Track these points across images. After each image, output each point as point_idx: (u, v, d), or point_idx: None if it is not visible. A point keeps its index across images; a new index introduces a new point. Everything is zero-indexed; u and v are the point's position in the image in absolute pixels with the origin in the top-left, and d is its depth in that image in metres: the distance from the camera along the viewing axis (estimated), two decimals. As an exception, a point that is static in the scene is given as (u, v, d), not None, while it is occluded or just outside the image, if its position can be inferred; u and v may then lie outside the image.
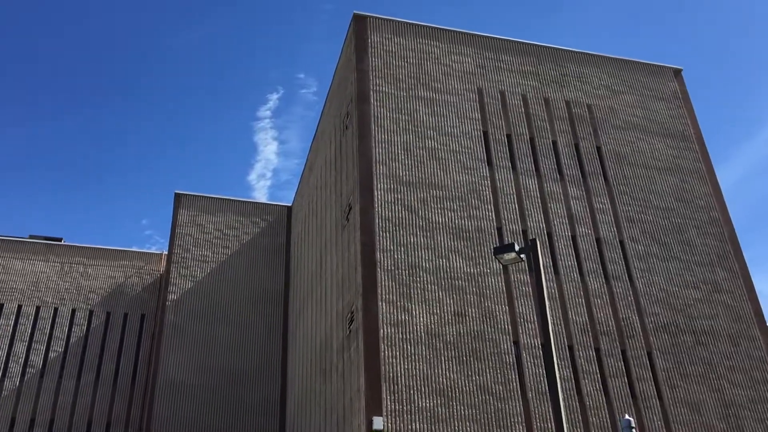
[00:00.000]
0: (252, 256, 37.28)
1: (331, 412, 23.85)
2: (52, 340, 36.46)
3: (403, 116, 26.06)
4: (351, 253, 23.90)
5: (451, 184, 24.87)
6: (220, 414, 32.66)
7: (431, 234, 23.48)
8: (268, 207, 39.48)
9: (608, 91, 30.03)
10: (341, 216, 26.25)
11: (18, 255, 38.13)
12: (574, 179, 26.76)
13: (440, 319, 21.76)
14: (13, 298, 37.08)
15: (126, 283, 38.77)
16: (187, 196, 37.98)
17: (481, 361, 21.32)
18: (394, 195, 23.97)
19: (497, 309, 22.50)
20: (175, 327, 34.18)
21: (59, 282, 37.98)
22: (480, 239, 23.87)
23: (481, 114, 27.13)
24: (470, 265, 23.17)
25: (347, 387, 21.99)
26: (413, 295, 21.98)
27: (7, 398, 34.61)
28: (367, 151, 24.73)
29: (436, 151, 25.55)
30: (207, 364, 33.69)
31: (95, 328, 37.20)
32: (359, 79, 26.52)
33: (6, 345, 35.79)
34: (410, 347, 20.91)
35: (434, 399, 20.20)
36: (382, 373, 20.17)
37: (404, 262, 22.58)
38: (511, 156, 26.52)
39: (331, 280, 26.53)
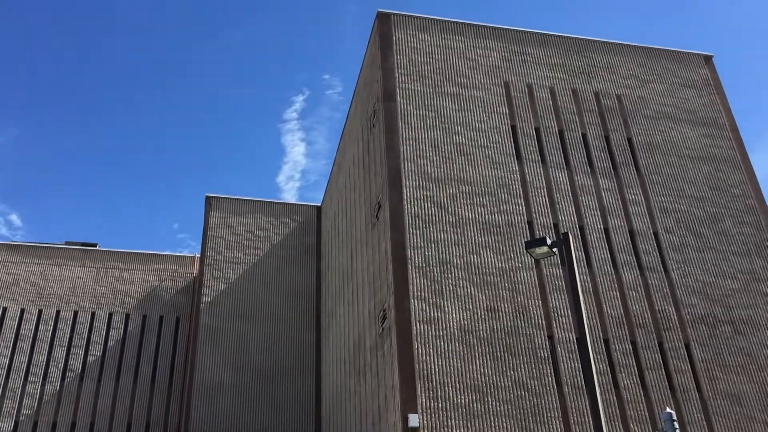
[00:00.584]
0: (283, 257, 37.52)
1: (366, 410, 23.91)
2: (91, 345, 37.10)
3: (430, 113, 26.00)
4: (381, 251, 23.92)
5: (480, 180, 24.76)
6: (257, 413, 32.95)
7: (461, 230, 23.39)
8: (298, 207, 39.69)
9: (637, 81, 29.62)
10: (371, 214, 26.28)
11: (55, 261, 38.88)
12: (605, 171, 26.46)
13: (473, 315, 21.68)
14: (51, 303, 37.81)
15: (160, 286, 39.29)
16: (217, 198, 38.35)
17: (515, 356, 21.20)
18: (423, 192, 23.93)
19: (530, 304, 22.34)
20: (210, 328, 34.56)
21: (96, 287, 38.62)
22: (511, 234, 23.73)
23: (508, 108, 26.96)
24: (502, 260, 23.04)
25: (382, 385, 22.02)
26: (445, 292, 21.93)
27: (48, 402, 35.30)
28: (395, 148, 24.72)
29: (464, 146, 25.45)
30: (242, 364, 34.01)
31: (132, 332, 37.78)
32: (385, 77, 26.52)
33: (46, 350, 36.51)
34: (443, 344, 20.87)
35: (469, 395, 20.13)
36: (416, 370, 20.15)
37: (435, 259, 22.53)
38: (540, 149, 26.31)
39: (363, 279, 26.59)
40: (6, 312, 37.15)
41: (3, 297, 37.45)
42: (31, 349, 36.45)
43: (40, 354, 36.36)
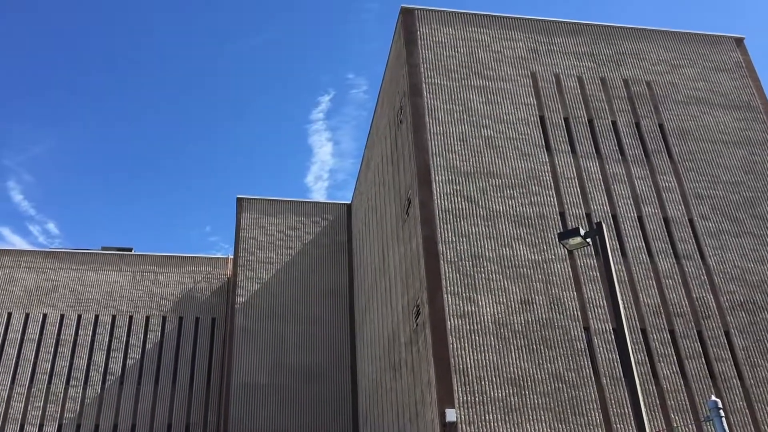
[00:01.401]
0: (315, 255, 37.71)
1: (402, 406, 23.94)
2: (129, 348, 37.70)
3: (457, 106, 25.90)
4: (413, 247, 23.91)
5: (510, 172, 24.60)
6: (294, 412, 33.19)
7: (493, 223, 23.28)
8: (328, 206, 39.84)
9: (667, 66, 29.17)
10: (401, 210, 26.28)
11: (92, 266, 39.56)
12: (636, 159, 26.11)
13: (507, 308, 21.57)
14: (89, 308, 38.49)
15: (195, 288, 39.76)
16: (248, 199, 38.67)
17: (551, 348, 21.05)
18: (452, 186, 23.85)
19: (565, 295, 22.16)
20: (245, 329, 34.88)
21: (132, 290, 39.22)
22: (543, 225, 23.55)
23: (536, 99, 26.74)
24: (534, 252, 22.88)
25: (418, 380, 22.03)
26: (478, 286, 21.85)
27: (90, 406, 35.96)
28: (423, 143, 24.67)
29: (492, 139, 25.31)
30: (278, 363, 34.28)
31: (169, 334, 38.29)
32: (411, 73, 26.48)
33: (86, 354, 37.18)
34: (478, 338, 20.80)
35: (506, 389, 20.05)
36: (452, 365, 20.12)
37: (467, 253, 22.46)
38: (570, 139, 26.06)
39: (395, 275, 26.61)
40: (46, 318, 37.91)
41: (43, 303, 38.22)
42: (71, 353, 37.15)
43: (80, 358, 37.04)
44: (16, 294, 38.30)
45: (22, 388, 35.95)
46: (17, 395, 35.73)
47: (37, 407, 35.59)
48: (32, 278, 38.82)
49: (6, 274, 38.71)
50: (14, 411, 35.34)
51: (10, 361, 36.49)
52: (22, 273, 38.89)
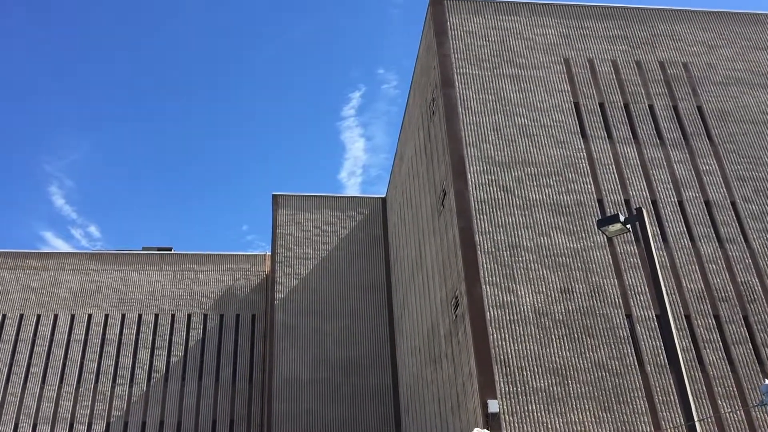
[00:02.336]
0: (352, 250, 37.86)
1: (444, 398, 23.95)
2: (173, 346, 38.34)
3: (490, 96, 25.72)
4: (449, 239, 23.85)
5: (545, 160, 24.37)
6: (336, 405, 33.44)
7: (530, 212, 23.10)
8: (363, 200, 39.93)
9: (704, 47, 28.56)
10: (436, 202, 26.23)
11: (134, 267, 40.30)
12: (675, 142, 25.65)
13: (547, 297, 21.40)
14: (133, 308, 39.23)
15: (235, 285, 40.24)
16: (284, 196, 38.96)
17: (593, 337, 20.84)
18: (488, 176, 23.72)
19: (606, 283, 21.90)
20: (285, 325, 35.21)
21: (173, 289, 39.87)
22: (581, 213, 23.29)
23: (570, 85, 26.42)
24: (573, 240, 22.65)
25: (458, 372, 22.00)
26: (517, 276, 21.71)
27: (136, 403, 36.68)
28: (457, 134, 24.58)
29: (526, 127, 25.09)
30: (319, 358, 34.54)
31: (210, 331, 38.84)
32: (442, 64, 26.37)
33: (131, 353, 37.92)
34: (519, 328, 20.69)
35: (548, 378, 19.91)
36: (493, 356, 20.05)
37: (504, 243, 22.33)
38: (606, 125, 25.70)
39: (432, 267, 26.58)
40: (91, 318, 38.74)
41: (88, 304, 39.06)
42: (117, 353, 37.92)
43: (125, 357, 37.78)
44: (62, 296, 39.20)
45: (70, 387, 36.82)
46: (66, 395, 36.61)
47: (86, 406, 36.42)
48: (77, 280, 39.68)
49: (51, 277, 39.63)
50: (63, 410, 36.23)
51: (58, 362, 37.39)
52: (66, 275, 39.78)
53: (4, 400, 36.15)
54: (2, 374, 36.81)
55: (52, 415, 36.06)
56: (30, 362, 37.30)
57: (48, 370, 37.16)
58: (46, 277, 39.59)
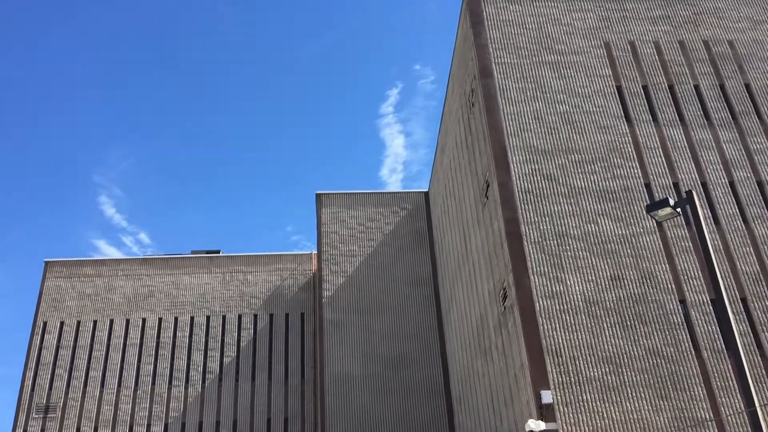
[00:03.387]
0: (396, 245, 37.92)
1: (496, 390, 23.84)
2: (225, 347, 38.99)
3: (530, 84, 25.45)
4: (495, 230, 23.71)
5: (589, 146, 24.03)
6: (388, 401, 33.57)
7: (575, 200, 22.81)
8: (406, 195, 39.94)
9: (750, 23, 27.76)
10: (480, 194, 26.09)
11: (185, 270, 41.08)
12: (723, 122, 25.01)
13: (596, 285, 21.12)
14: (185, 311, 39.99)
15: (283, 285, 40.69)
16: (327, 195, 39.22)
17: (646, 324, 20.49)
18: (531, 165, 23.49)
19: (657, 269, 21.50)
20: (334, 322, 35.48)
21: (223, 291, 40.51)
22: (628, 198, 22.90)
23: (611, 69, 25.98)
24: (621, 227, 22.29)
25: (510, 364, 21.88)
26: (565, 265, 21.48)
27: (192, 404, 37.42)
28: (498, 125, 24.39)
29: (568, 114, 24.76)
30: (369, 353, 34.72)
31: (261, 331, 39.37)
32: (479, 55, 26.18)
33: (185, 355, 38.68)
34: (569, 317, 20.47)
35: (602, 367, 19.66)
36: (544, 346, 19.88)
37: (551, 232, 22.10)
38: (651, 108, 25.20)
39: (478, 259, 26.46)
40: (145, 322, 39.62)
41: (141, 308, 39.96)
42: (171, 355, 38.73)
43: (180, 359, 38.55)
44: (116, 301, 40.17)
45: (128, 390, 37.74)
46: (124, 397, 37.53)
47: (144, 408, 37.30)
48: (130, 285, 40.62)
49: (105, 283, 40.64)
50: (123, 413, 37.16)
51: (116, 366, 38.36)
52: (119, 281, 40.75)
53: (66, 405, 37.25)
54: (63, 380, 37.92)
55: (112, 417, 37.02)
56: (89, 367, 38.34)
57: (106, 374, 38.15)
58: (100, 284, 40.62)
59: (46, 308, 39.76)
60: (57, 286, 40.42)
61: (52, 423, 36.73)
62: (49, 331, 39.17)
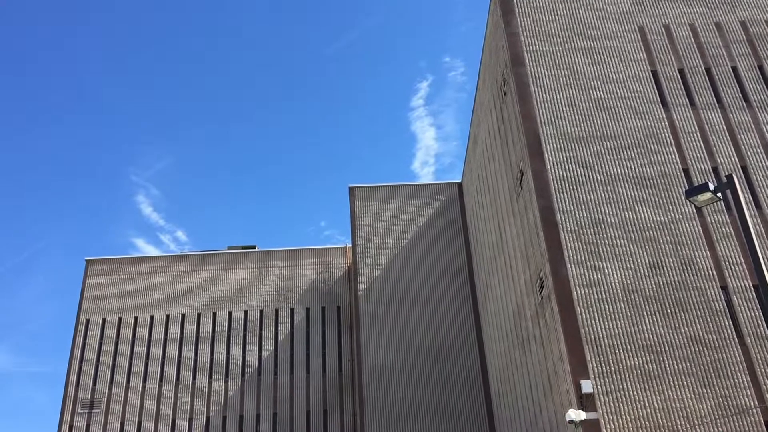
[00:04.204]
0: (431, 236, 37.89)
1: (535, 381, 23.73)
2: (263, 341, 39.41)
3: (563, 71, 25.17)
4: (530, 219, 23.55)
5: (625, 133, 23.70)
6: (427, 391, 33.63)
7: (612, 187, 22.53)
8: (439, 186, 39.85)
9: (789, 0, 27.04)
10: (514, 183, 25.92)
11: (221, 266, 41.59)
12: (763, 104, 24.46)
13: (635, 273, 20.87)
14: (223, 306, 40.49)
15: (318, 278, 40.95)
16: (360, 188, 39.32)
17: (687, 311, 20.20)
18: (565, 153, 23.27)
19: (697, 255, 21.16)
20: (370, 314, 35.61)
21: (260, 286, 40.92)
22: (666, 185, 22.56)
23: (646, 54, 25.57)
24: (659, 213, 21.98)
25: (548, 354, 21.75)
26: (602, 253, 21.26)
27: (233, 397, 37.93)
28: (530, 113, 24.20)
29: (603, 101, 24.44)
30: (406, 345, 34.80)
31: (298, 325, 39.70)
32: (510, 43, 25.96)
33: (224, 349, 39.20)
34: (608, 306, 20.26)
35: (642, 356, 19.44)
36: (583, 335, 19.72)
37: (587, 221, 21.88)
38: (687, 92, 24.75)
39: (514, 249, 26.31)
40: (185, 318, 40.22)
41: (181, 304, 40.56)
42: (211, 349, 39.27)
43: (219, 353, 39.08)
44: (156, 298, 40.83)
45: (170, 385, 38.38)
46: (166, 392, 38.19)
47: (185, 402, 37.91)
48: (168, 282, 41.25)
49: (145, 280, 41.33)
50: (165, 407, 37.81)
51: (157, 361, 39.02)
52: (158, 278, 41.40)
53: (110, 400, 38.02)
54: (106, 375, 38.71)
55: (155, 412, 37.70)
56: (131, 362, 39.07)
57: (148, 369, 38.84)
58: (139, 281, 41.31)
59: (88, 306, 40.58)
60: (98, 283, 41.22)
61: (97, 418, 37.55)
62: (91, 328, 39.99)
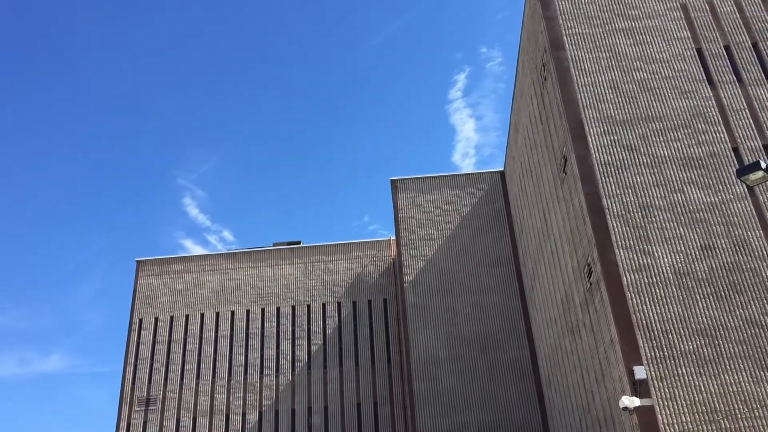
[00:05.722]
0: (475, 226, 37.73)
1: (586, 368, 23.49)
2: (311, 335, 39.82)
3: (604, 54, 24.76)
4: (575, 205, 23.27)
5: (670, 113, 23.22)
6: (476, 382, 33.58)
7: (659, 169, 22.12)
8: (481, 175, 39.63)
9: (839, -32, 26.10)
10: (557, 170, 25.63)
11: (268, 263, 42.11)
12: (815, 77, 23.69)
13: (686, 256, 20.47)
14: (271, 302, 41.02)
15: (364, 272, 41.16)
16: (402, 180, 39.35)
17: (741, 293, 19.74)
18: (609, 137, 22.91)
19: (750, 236, 20.65)
20: (417, 306, 35.67)
21: (306, 281, 41.32)
22: (715, 164, 22.04)
23: (690, 31, 24.98)
24: (709, 194, 21.50)
25: (599, 340, 21.51)
26: (651, 237, 20.90)
27: (284, 392, 38.44)
28: (572, 97, 23.88)
29: (646, 81, 23.97)
30: (454, 335, 34.78)
31: (345, 318, 39.99)
32: (549, 27, 25.63)
33: (274, 344, 39.72)
34: (659, 290, 19.93)
35: (696, 340, 19.08)
36: (634, 321, 19.44)
37: (635, 204, 21.53)
38: (734, 68, 24.11)
39: (560, 236, 26.04)
40: (234, 315, 40.87)
41: (230, 301, 41.22)
42: (261, 345, 39.84)
43: (269, 349, 39.62)
44: (205, 296, 41.57)
45: (222, 380, 39.08)
46: (219, 388, 38.90)
47: (238, 397, 38.56)
48: (217, 279, 41.95)
49: (194, 279, 42.10)
50: (218, 402, 38.52)
51: (209, 358, 39.76)
52: (207, 276, 42.13)
53: (165, 397, 38.90)
54: (161, 373, 39.59)
55: (209, 407, 38.45)
56: (184, 360, 39.88)
57: (201, 366, 39.60)
58: (189, 280, 42.09)
59: (140, 305, 41.52)
60: (149, 283, 42.13)
61: (153, 415, 38.45)
62: (144, 327, 40.92)
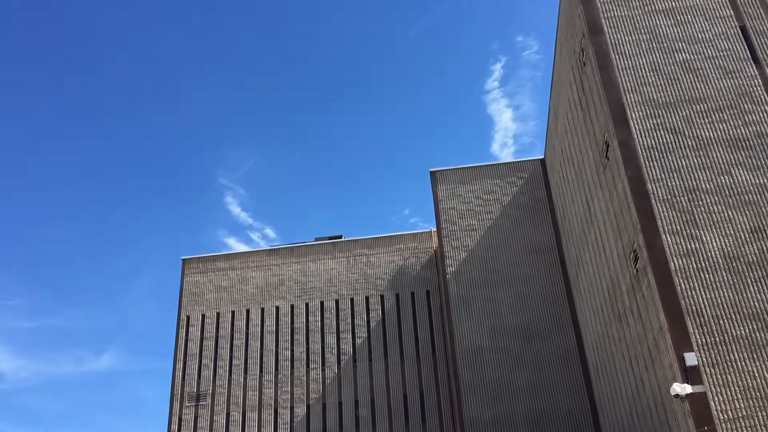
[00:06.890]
0: (516, 215, 37.45)
1: (635, 355, 23.19)
2: (356, 328, 40.06)
3: (644, 35, 24.31)
4: (619, 191, 22.94)
5: (715, 94, 22.71)
6: (522, 371, 33.40)
7: (704, 152, 21.66)
8: (521, 164, 39.29)
9: None
10: (599, 156, 25.28)
11: (310, 257, 42.47)
12: None
13: (735, 240, 20.03)
14: (314, 296, 41.37)
15: (405, 264, 41.21)
16: (441, 171, 39.25)
17: (794, 276, 19.24)
18: (652, 120, 22.51)
19: (802, 216, 20.10)
20: (460, 297, 35.59)
21: (348, 274, 41.55)
22: (763, 145, 21.50)
23: (733, 9, 24.36)
24: (758, 176, 20.98)
25: (647, 327, 21.21)
26: (699, 221, 20.50)
27: (330, 385, 38.78)
28: (613, 81, 23.52)
29: (689, 62, 23.48)
30: (498, 325, 34.63)
31: (389, 311, 40.12)
32: (586, 11, 25.26)
33: (319, 339, 40.08)
34: (708, 275, 19.55)
35: (748, 325, 18.68)
36: (683, 307, 19.12)
37: (680, 188, 21.14)
38: (781, 44, 23.45)
39: (604, 223, 25.71)
40: (279, 310, 41.33)
41: (274, 297, 41.70)
42: (306, 339, 40.23)
43: (314, 343, 40.00)
44: (250, 292, 42.11)
45: (270, 375, 39.59)
46: (266, 382, 39.42)
47: (286, 391, 39.03)
48: (261, 276, 42.46)
49: (239, 276, 42.68)
50: (267, 397, 39.05)
51: (256, 353, 40.31)
52: (251, 272, 42.67)
53: (215, 392, 39.58)
54: (209, 369, 40.28)
55: (257, 402, 39.01)
56: (231, 355, 40.50)
57: (248, 361, 40.16)
58: (233, 276, 42.69)
59: (187, 303, 42.26)
60: (195, 281, 42.84)
61: (204, 410, 39.16)
62: (192, 324, 41.64)
